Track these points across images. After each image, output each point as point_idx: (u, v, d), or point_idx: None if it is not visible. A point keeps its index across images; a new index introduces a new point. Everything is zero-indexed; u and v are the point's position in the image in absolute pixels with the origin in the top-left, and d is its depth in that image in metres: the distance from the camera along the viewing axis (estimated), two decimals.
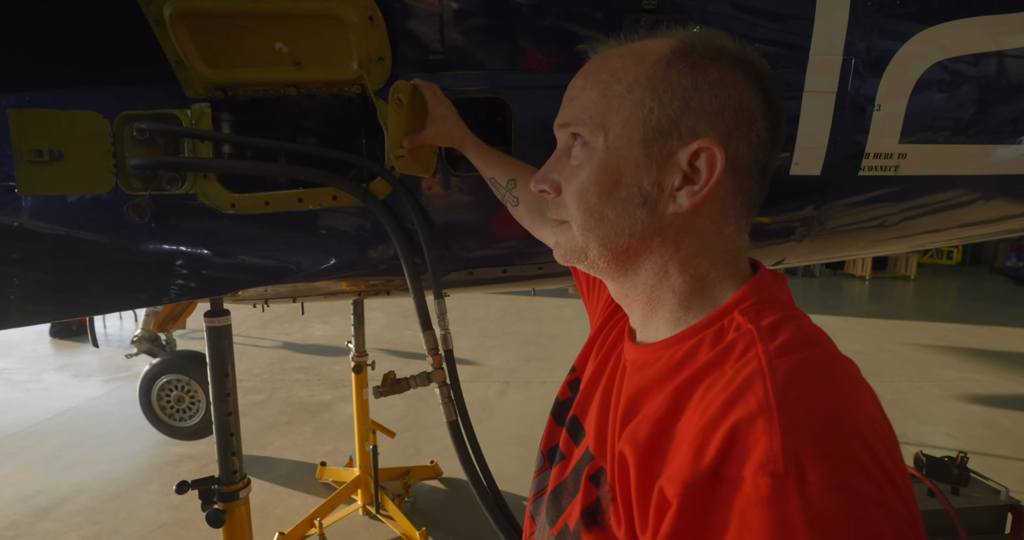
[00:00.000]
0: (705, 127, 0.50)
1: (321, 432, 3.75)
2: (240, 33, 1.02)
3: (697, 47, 0.51)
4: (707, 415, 0.41)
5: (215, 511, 1.28)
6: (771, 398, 0.39)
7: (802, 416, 0.38)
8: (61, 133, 1.07)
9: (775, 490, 0.35)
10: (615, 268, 0.56)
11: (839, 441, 0.37)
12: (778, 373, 0.40)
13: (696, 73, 0.50)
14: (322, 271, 1.16)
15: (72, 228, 1.13)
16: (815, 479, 0.35)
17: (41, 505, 2.83)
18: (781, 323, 0.46)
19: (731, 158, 0.50)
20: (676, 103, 0.50)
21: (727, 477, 0.37)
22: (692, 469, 0.39)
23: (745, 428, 0.38)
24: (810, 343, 0.45)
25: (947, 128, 1.22)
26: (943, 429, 3.80)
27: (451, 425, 1.12)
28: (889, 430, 0.41)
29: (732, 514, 0.36)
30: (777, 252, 1.37)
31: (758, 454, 0.36)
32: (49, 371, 5.01)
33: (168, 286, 1.15)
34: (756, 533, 0.34)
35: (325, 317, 6.89)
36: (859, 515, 0.34)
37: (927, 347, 5.88)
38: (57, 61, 1.10)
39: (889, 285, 10.19)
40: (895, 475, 0.37)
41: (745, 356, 0.44)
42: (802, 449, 0.36)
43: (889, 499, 0.36)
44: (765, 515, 0.34)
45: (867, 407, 0.41)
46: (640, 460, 0.44)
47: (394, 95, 1.04)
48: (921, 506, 1.40)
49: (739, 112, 0.50)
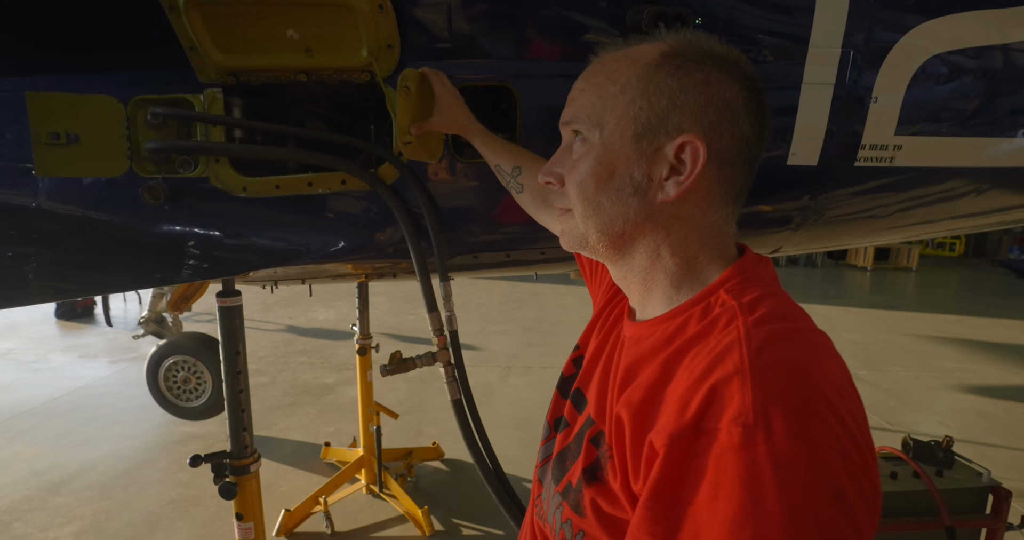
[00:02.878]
0: (690, 123, 0.54)
1: (325, 414, 3.82)
2: (252, 20, 1.04)
3: (684, 50, 0.56)
4: (691, 377, 0.46)
5: (227, 484, 1.34)
6: (745, 361, 0.44)
7: (771, 376, 0.43)
8: (77, 116, 1.10)
9: (746, 438, 0.40)
10: (613, 252, 0.61)
11: (803, 397, 0.42)
12: (753, 341, 0.46)
13: (682, 74, 0.55)
14: (331, 253, 1.19)
15: (88, 209, 1.16)
16: (780, 428, 0.40)
17: (53, 481, 2.91)
18: (761, 299, 0.51)
19: (715, 150, 0.55)
20: (663, 102, 0.55)
21: (706, 429, 0.42)
22: (677, 423, 0.44)
23: (722, 387, 0.43)
24: (785, 316, 0.50)
25: (942, 121, 1.24)
26: (937, 418, 3.86)
27: (455, 403, 1.16)
28: (852, 391, 0.46)
29: (710, 460, 0.41)
30: (774, 240, 1.40)
31: (732, 408, 0.42)
32: (56, 352, 5.09)
33: (182, 266, 1.19)
34: (730, 475, 0.40)
35: (328, 301, 6.95)
36: (817, 460, 0.40)
37: (926, 338, 5.92)
38: (74, 46, 1.13)
39: (891, 276, 10.21)
40: (852, 428, 0.43)
41: (727, 328, 0.49)
42: (770, 404, 0.41)
43: (845, 447, 0.41)
44: (737, 459, 0.40)
45: (831, 371, 0.46)
46: (634, 420, 0.50)
47: (402, 83, 1.06)
48: (906, 487, 1.45)
49: (722, 109, 0.55)
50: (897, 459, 1.55)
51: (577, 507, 0.56)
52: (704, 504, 0.40)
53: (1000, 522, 1.51)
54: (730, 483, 0.40)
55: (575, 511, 0.56)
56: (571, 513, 0.57)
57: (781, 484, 0.39)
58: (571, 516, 0.57)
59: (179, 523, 2.57)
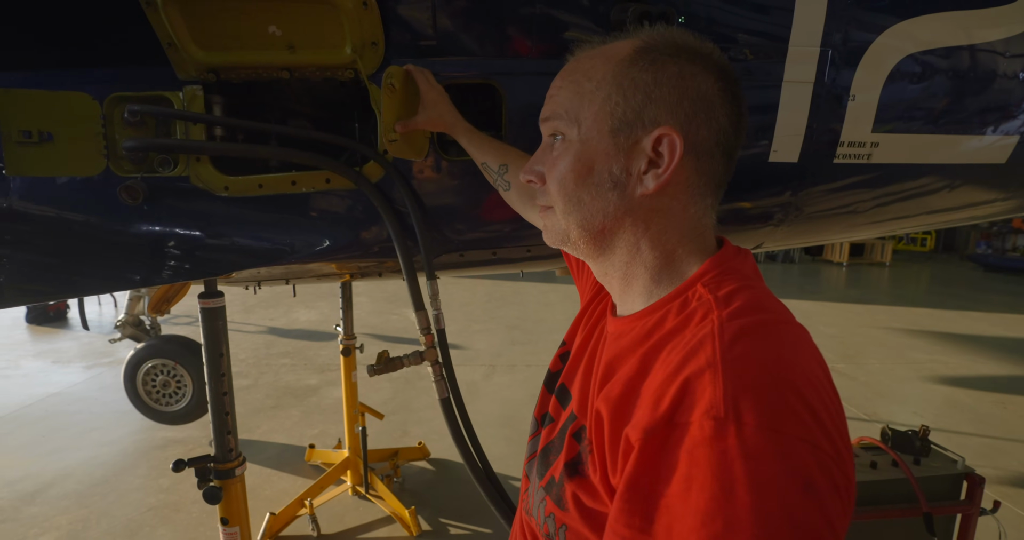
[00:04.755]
0: (666, 116, 0.55)
1: (308, 416, 3.78)
2: (233, 16, 1.03)
3: (658, 45, 0.56)
4: (666, 371, 0.47)
5: (212, 488, 1.31)
6: (717, 355, 0.45)
7: (742, 369, 0.44)
8: (51, 114, 1.07)
9: (716, 431, 0.41)
10: (594, 248, 0.61)
11: (773, 389, 0.43)
12: (726, 334, 0.46)
13: (656, 69, 0.55)
14: (316, 253, 1.18)
15: (63, 210, 1.13)
16: (750, 421, 0.41)
17: (27, 490, 2.82)
18: (736, 292, 0.52)
19: (692, 142, 0.56)
20: (639, 96, 0.55)
21: (679, 423, 0.43)
22: (651, 417, 0.45)
23: (695, 381, 0.44)
24: (760, 309, 0.50)
25: (917, 118, 1.27)
26: (911, 408, 3.97)
27: (443, 402, 1.16)
28: (826, 382, 0.47)
29: (682, 453, 0.42)
30: (756, 236, 1.43)
31: (704, 402, 0.42)
32: (27, 357, 4.94)
33: (162, 267, 1.17)
34: (702, 467, 0.40)
35: (310, 302, 6.87)
36: (787, 451, 0.40)
37: (900, 331, 6.08)
38: (46, 41, 1.09)
39: (865, 271, 10.46)
40: (824, 418, 0.43)
41: (702, 321, 0.50)
42: (740, 396, 0.42)
43: (815, 437, 0.42)
44: (708, 452, 0.41)
45: (804, 362, 0.47)
46: (612, 415, 0.50)
47: (387, 80, 1.05)
48: (886, 476, 1.49)
49: (697, 101, 0.55)
50: (877, 449, 1.60)
51: (559, 501, 0.56)
52: (677, 496, 0.41)
53: (974, 508, 1.57)
54: (702, 475, 0.40)
55: (557, 505, 0.57)
56: (554, 507, 0.57)
57: (751, 476, 0.39)
58: (554, 510, 0.57)
59: (160, 530, 2.51)
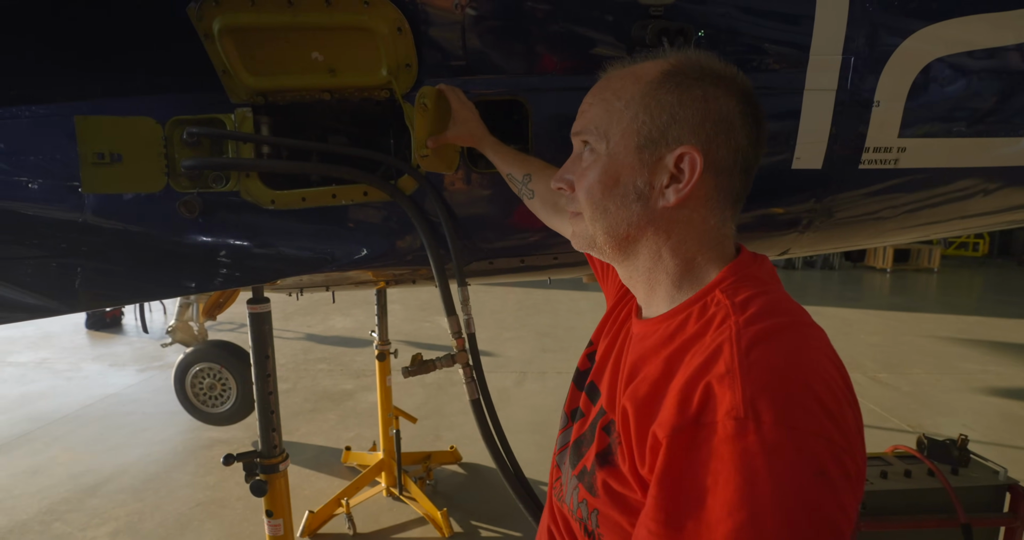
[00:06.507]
0: (688, 135, 0.60)
1: (345, 419, 3.90)
2: (280, 44, 1.12)
3: (684, 68, 0.61)
4: (689, 374, 0.52)
5: (258, 482, 1.40)
6: (735, 360, 0.49)
7: (759, 373, 0.48)
8: (120, 137, 1.18)
9: (738, 430, 0.45)
10: (618, 253, 0.67)
11: (787, 390, 0.47)
12: (743, 340, 0.51)
13: (681, 91, 0.60)
14: (355, 261, 1.26)
15: (129, 223, 1.24)
16: (768, 419, 0.45)
17: (89, 483, 3.02)
18: (753, 298, 0.56)
19: (712, 161, 0.60)
20: (664, 116, 0.60)
21: (705, 423, 0.48)
22: (679, 417, 0.49)
23: (716, 385, 0.49)
24: (774, 313, 0.55)
25: (947, 122, 1.26)
26: (960, 420, 3.80)
27: (474, 403, 1.21)
28: (838, 379, 0.51)
29: (708, 450, 0.47)
30: (782, 242, 1.44)
31: (725, 404, 0.47)
32: (87, 361, 5.26)
33: (215, 275, 1.27)
34: (726, 462, 0.45)
35: (346, 310, 7.06)
36: (803, 444, 0.45)
37: (948, 340, 5.82)
38: (117, 72, 1.21)
39: (911, 277, 10.04)
40: (835, 413, 0.47)
41: (721, 327, 0.54)
42: (758, 398, 0.46)
43: (828, 432, 0.46)
44: (732, 448, 0.45)
45: (817, 361, 0.51)
46: (638, 412, 0.55)
47: (420, 100, 1.13)
48: (920, 485, 1.46)
49: (719, 123, 0.60)
50: (912, 458, 1.56)
51: (591, 488, 0.61)
52: (706, 488, 0.46)
53: (1019, 521, 1.51)
54: (727, 469, 0.45)
55: (590, 492, 0.61)
56: (586, 494, 0.62)
57: (771, 467, 0.44)
58: (586, 496, 0.62)
59: (208, 524, 2.65)
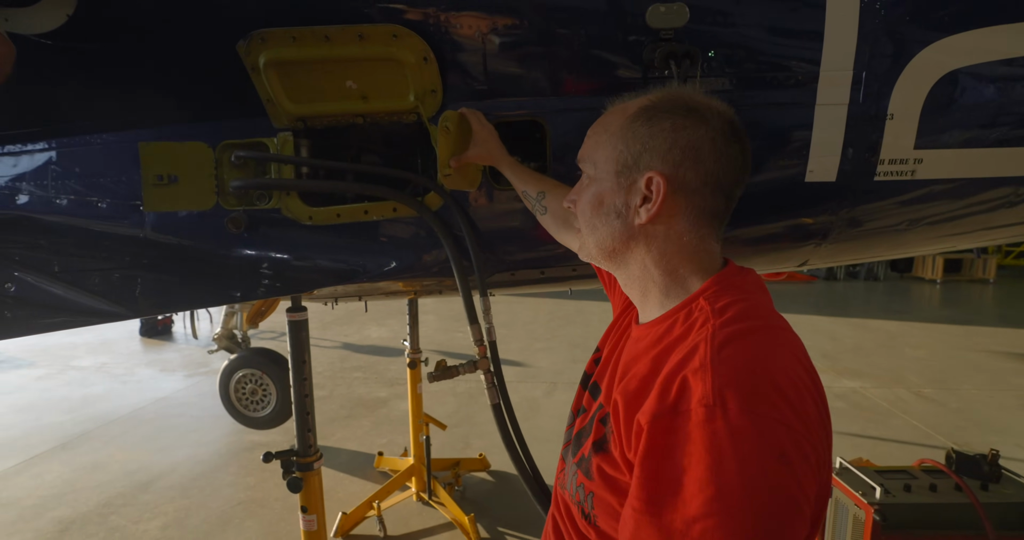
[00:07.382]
0: (657, 162, 0.67)
1: (378, 426, 4.01)
2: (318, 74, 1.23)
3: (659, 103, 0.69)
4: (670, 369, 0.59)
5: (295, 479, 1.50)
6: (708, 356, 0.57)
7: (728, 367, 0.55)
8: (176, 160, 1.31)
9: (707, 416, 0.52)
10: (611, 263, 0.76)
11: (753, 382, 0.54)
12: (717, 339, 0.58)
13: (652, 124, 0.69)
14: (385, 273, 1.35)
15: (183, 238, 1.37)
16: (734, 407, 0.52)
17: (141, 480, 3.22)
18: (731, 304, 0.63)
19: (680, 183, 0.67)
20: (637, 146, 0.69)
21: (681, 411, 0.55)
22: (659, 406, 0.57)
23: (691, 377, 0.56)
24: (748, 317, 0.61)
25: (965, 132, 1.26)
26: (1013, 439, 3.61)
27: (495, 408, 1.28)
28: (802, 374, 0.58)
29: (685, 434, 0.53)
30: (800, 254, 1.45)
31: (698, 394, 0.54)
32: (141, 366, 5.58)
33: (257, 285, 1.38)
34: (697, 445, 0.52)
35: (380, 320, 7.25)
36: (764, 429, 0.52)
37: (1003, 354, 5.53)
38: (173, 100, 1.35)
39: (964, 289, 9.57)
40: (797, 405, 0.54)
41: (700, 329, 0.61)
42: (725, 388, 0.53)
43: (789, 420, 0.53)
44: (702, 432, 0.52)
45: (782, 358, 0.58)
46: (627, 404, 0.62)
47: (443, 123, 1.22)
48: (945, 499, 1.43)
49: (686, 149, 0.67)
50: (939, 472, 1.53)
51: (588, 473, 0.68)
52: (681, 468, 0.52)
53: None
54: (698, 451, 0.51)
55: (586, 476, 0.68)
56: (584, 478, 0.69)
57: (736, 449, 0.50)
58: (584, 481, 0.69)
59: (248, 522, 2.78)
